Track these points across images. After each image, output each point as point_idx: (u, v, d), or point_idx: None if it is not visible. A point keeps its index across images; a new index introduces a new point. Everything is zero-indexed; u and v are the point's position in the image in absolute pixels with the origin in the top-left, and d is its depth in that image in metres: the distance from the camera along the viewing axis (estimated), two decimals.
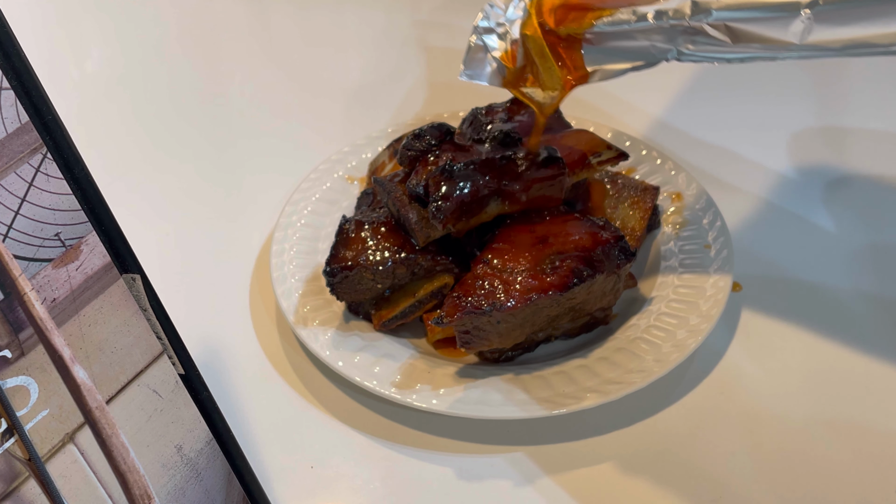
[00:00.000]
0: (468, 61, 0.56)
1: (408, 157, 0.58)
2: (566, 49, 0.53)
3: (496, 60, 0.55)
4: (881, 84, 0.83)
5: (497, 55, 0.55)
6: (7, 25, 0.32)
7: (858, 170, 0.72)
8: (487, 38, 0.56)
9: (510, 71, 0.55)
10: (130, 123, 0.85)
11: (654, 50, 0.49)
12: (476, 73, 0.56)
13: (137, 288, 0.37)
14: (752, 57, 0.45)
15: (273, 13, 1.01)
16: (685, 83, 0.84)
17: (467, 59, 0.56)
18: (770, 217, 0.68)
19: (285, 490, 0.51)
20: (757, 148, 0.75)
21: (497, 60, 0.55)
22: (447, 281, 0.57)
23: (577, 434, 0.53)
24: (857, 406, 0.53)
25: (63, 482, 0.35)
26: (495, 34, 0.56)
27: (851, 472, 0.50)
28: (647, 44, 0.49)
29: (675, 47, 0.48)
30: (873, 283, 0.62)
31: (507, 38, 0.56)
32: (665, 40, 0.48)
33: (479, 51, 0.56)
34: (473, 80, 0.56)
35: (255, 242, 0.68)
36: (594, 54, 0.52)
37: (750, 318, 0.59)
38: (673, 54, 0.48)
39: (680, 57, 0.48)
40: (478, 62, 0.56)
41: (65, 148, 0.34)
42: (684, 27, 0.46)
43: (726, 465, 0.51)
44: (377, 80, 0.88)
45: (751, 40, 0.44)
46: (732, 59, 0.46)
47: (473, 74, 0.56)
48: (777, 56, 0.44)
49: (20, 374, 0.33)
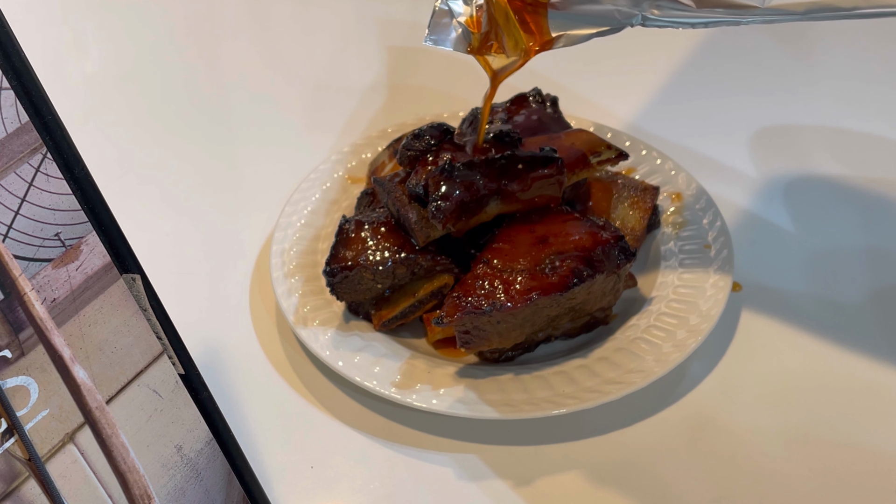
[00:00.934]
0: (433, 26, 0.54)
1: (408, 157, 0.58)
2: (531, 14, 0.52)
3: (461, 25, 0.54)
4: (882, 84, 0.83)
5: (462, 20, 0.54)
6: (7, 25, 0.32)
7: (859, 170, 0.72)
8: (453, 3, 0.54)
9: (475, 36, 0.54)
10: (130, 123, 0.85)
11: (620, 15, 0.48)
12: (441, 38, 0.54)
13: (137, 288, 0.37)
14: (716, 21, 0.45)
15: (273, 13, 1.01)
16: (684, 83, 0.84)
17: (432, 23, 0.54)
18: (770, 217, 0.68)
19: (285, 490, 0.51)
20: (757, 147, 0.75)
21: (462, 26, 0.54)
22: (447, 281, 0.57)
23: (577, 434, 0.53)
24: (857, 406, 0.53)
25: (63, 482, 0.35)
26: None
27: (852, 473, 0.50)
28: (613, 8, 0.48)
29: (640, 12, 0.47)
30: (874, 284, 0.62)
31: (473, 2, 0.54)
32: (630, 4, 0.48)
33: (445, 15, 0.54)
34: (438, 46, 0.54)
35: (255, 242, 0.68)
36: (559, 19, 0.51)
37: (750, 318, 0.59)
38: (638, 20, 0.48)
39: (645, 22, 0.48)
40: (443, 27, 0.54)
41: (65, 148, 0.34)
42: None
43: (726, 466, 0.51)
44: (377, 80, 0.88)
45: (715, 4, 0.44)
46: (697, 25, 0.46)
47: (438, 40, 0.54)
48: (741, 20, 0.44)
49: (20, 374, 0.33)
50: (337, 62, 0.92)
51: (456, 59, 0.87)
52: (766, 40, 0.89)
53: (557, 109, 0.66)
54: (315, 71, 0.91)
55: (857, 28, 0.89)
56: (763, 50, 0.88)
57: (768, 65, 0.86)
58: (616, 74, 0.86)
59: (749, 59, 0.87)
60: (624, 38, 0.52)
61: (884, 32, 0.88)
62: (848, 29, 0.89)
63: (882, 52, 0.87)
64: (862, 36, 0.88)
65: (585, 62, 0.85)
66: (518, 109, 0.65)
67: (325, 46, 0.95)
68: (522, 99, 0.66)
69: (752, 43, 0.89)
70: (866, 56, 0.87)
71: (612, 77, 0.86)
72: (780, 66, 0.85)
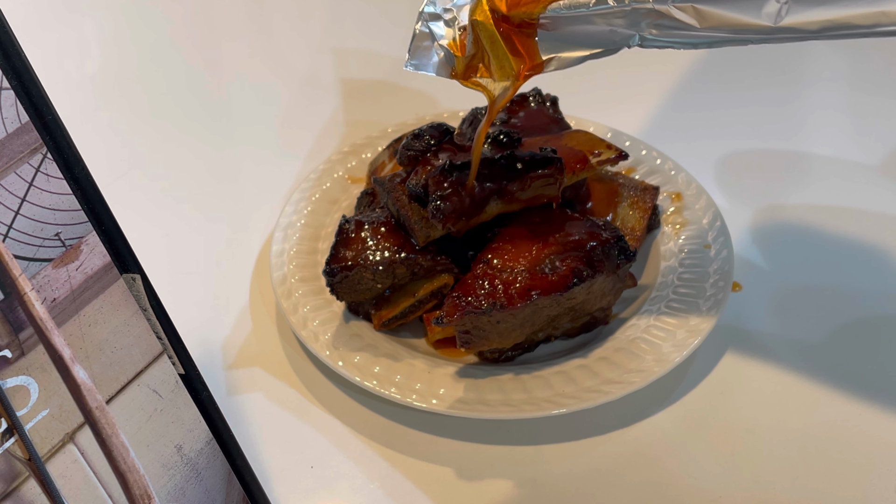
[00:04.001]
0: (413, 49, 0.51)
1: (408, 157, 0.58)
2: (519, 36, 0.49)
3: (443, 48, 0.51)
4: (884, 83, 0.83)
5: (444, 43, 0.51)
6: (7, 25, 0.32)
7: (860, 170, 0.72)
8: (434, 25, 0.51)
9: (459, 60, 0.51)
10: (131, 123, 0.84)
11: (616, 36, 0.45)
12: (422, 62, 0.51)
13: (137, 288, 0.37)
14: (721, 41, 0.42)
15: (273, 12, 1.01)
16: (683, 81, 0.84)
17: (412, 47, 0.51)
18: (770, 216, 0.68)
19: (285, 490, 0.51)
20: (757, 147, 0.75)
21: (444, 49, 0.51)
22: (447, 281, 0.57)
23: (577, 434, 0.53)
24: (857, 406, 0.53)
25: (63, 482, 0.35)
26: (442, 20, 0.51)
27: (851, 473, 0.50)
28: (608, 29, 0.45)
29: (637, 32, 0.44)
30: (874, 284, 0.62)
31: (456, 24, 0.51)
32: (627, 25, 0.44)
33: (426, 38, 0.51)
34: (420, 71, 0.51)
35: (255, 242, 0.68)
36: (549, 41, 0.48)
37: (750, 318, 0.59)
38: (635, 40, 0.45)
39: (643, 43, 0.45)
40: (423, 51, 0.51)
41: (65, 148, 0.34)
42: (647, 9, 0.43)
43: (726, 466, 0.51)
44: (377, 80, 0.88)
45: (720, 23, 0.41)
46: (700, 45, 0.43)
47: (419, 64, 0.51)
48: (749, 40, 0.41)
49: (20, 374, 0.33)
50: (337, 62, 0.92)
51: None
52: (769, 48, 0.89)
53: (557, 109, 0.66)
54: (315, 71, 0.91)
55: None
56: (766, 51, 0.88)
57: (768, 60, 0.86)
58: (616, 74, 0.86)
59: (751, 62, 0.87)
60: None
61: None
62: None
63: (886, 59, 0.87)
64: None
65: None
66: (518, 109, 0.65)
67: (326, 46, 0.95)
68: (522, 99, 0.66)
69: (755, 50, 0.88)
70: (868, 67, 0.87)
71: (612, 77, 0.86)
72: (780, 62, 0.85)
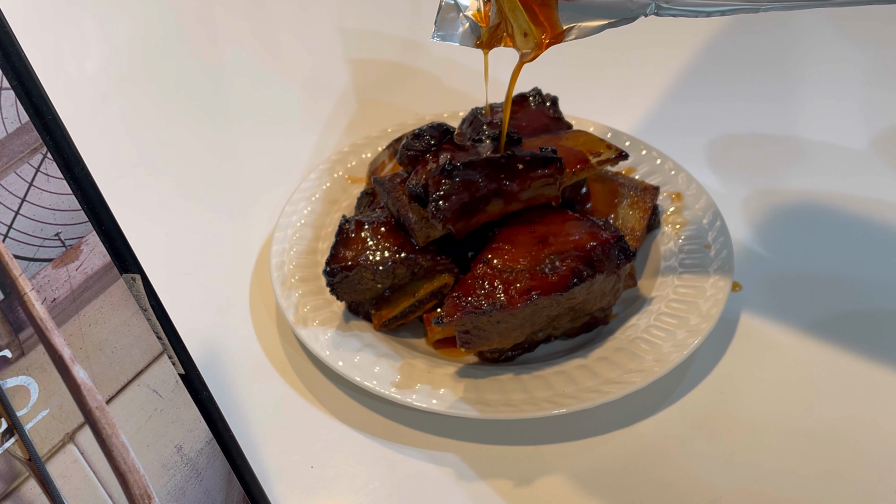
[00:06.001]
0: (440, 21, 0.53)
1: (408, 157, 0.58)
2: (541, 6, 0.50)
3: (469, 19, 0.52)
4: (882, 84, 0.83)
5: (470, 14, 0.53)
6: (7, 25, 0.32)
7: (860, 169, 0.72)
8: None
9: (484, 30, 0.53)
10: (130, 123, 0.85)
11: (632, 4, 0.47)
12: (448, 33, 0.53)
13: (137, 288, 0.37)
14: (734, 9, 0.43)
15: (273, 12, 1.01)
16: (682, 80, 0.84)
17: (439, 18, 0.53)
18: (770, 216, 0.68)
19: (285, 490, 0.51)
20: (757, 146, 0.75)
21: (470, 19, 0.52)
22: (447, 281, 0.57)
23: (577, 434, 0.53)
24: (857, 406, 0.53)
25: (63, 482, 0.35)
26: None
27: (851, 473, 0.50)
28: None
29: (653, 1, 0.46)
30: (874, 283, 0.62)
31: None
32: None
33: (451, 10, 0.53)
34: (446, 41, 0.53)
35: (255, 242, 0.68)
36: (570, 11, 0.49)
37: (750, 318, 0.59)
38: (651, 9, 0.46)
39: (658, 11, 0.46)
40: (450, 22, 0.53)
41: (65, 148, 0.34)
42: None
43: (726, 466, 0.51)
44: (377, 80, 0.88)
45: None
46: (713, 13, 0.44)
47: (446, 35, 0.53)
48: (760, 7, 0.42)
49: (20, 374, 0.33)
50: (337, 61, 0.92)
51: (456, 58, 0.87)
52: (768, 42, 0.89)
53: (557, 109, 0.66)
54: (315, 70, 0.91)
55: (862, 27, 0.89)
56: (767, 51, 0.88)
57: (768, 58, 0.86)
58: (616, 74, 0.86)
59: (751, 61, 0.87)
60: (624, 38, 0.52)
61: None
62: (851, 28, 0.89)
63: (885, 52, 0.87)
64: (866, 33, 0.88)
65: (587, 60, 0.85)
66: (518, 109, 0.65)
67: (326, 45, 0.95)
68: (522, 99, 0.66)
69: (755, 43, 0.89)
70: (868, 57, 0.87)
71: (611, 77, 0.86)
72: (780, 60, 0.85)
